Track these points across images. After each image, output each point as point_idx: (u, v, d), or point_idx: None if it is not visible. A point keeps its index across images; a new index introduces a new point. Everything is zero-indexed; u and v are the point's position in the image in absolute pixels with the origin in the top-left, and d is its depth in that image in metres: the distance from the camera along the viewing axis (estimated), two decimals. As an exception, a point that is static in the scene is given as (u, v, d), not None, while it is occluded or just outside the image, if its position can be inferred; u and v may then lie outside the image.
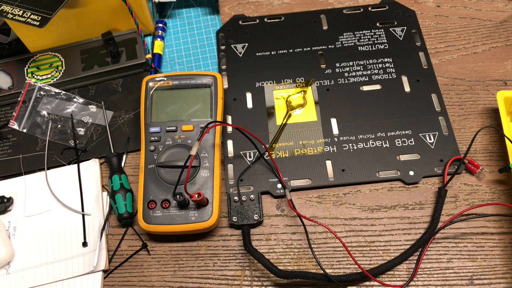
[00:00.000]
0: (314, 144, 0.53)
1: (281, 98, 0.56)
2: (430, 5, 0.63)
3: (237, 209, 0.49)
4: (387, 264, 0.45)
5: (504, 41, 0.59)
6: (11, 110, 0.58)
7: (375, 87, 0.56)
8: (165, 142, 0.50)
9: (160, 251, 0.48)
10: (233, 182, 0.51)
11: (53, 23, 0.50)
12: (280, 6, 0.64)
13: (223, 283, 0.46)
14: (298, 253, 0.47)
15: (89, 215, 0.50)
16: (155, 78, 0.53)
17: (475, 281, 0.45)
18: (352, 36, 0.60)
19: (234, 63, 0.59)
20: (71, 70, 0.58)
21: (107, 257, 0.48)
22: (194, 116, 0.51)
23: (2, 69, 0.59)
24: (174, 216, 0.46)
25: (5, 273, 0.47)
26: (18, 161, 0.54)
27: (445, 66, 0.58)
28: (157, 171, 0.49)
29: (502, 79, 0.56)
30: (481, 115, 0.54)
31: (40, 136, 0.55)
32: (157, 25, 0.62)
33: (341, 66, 0.58)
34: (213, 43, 0.62)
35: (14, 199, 0.51)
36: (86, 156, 0.54)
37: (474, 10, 0.62)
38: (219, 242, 0.48)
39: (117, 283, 0.47)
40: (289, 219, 0.49)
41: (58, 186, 0.52)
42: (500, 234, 0.47)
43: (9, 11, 0.51)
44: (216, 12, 0.65)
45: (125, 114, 0.57)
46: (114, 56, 0.58)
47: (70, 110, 0.56)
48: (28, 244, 0.49)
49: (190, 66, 0.61)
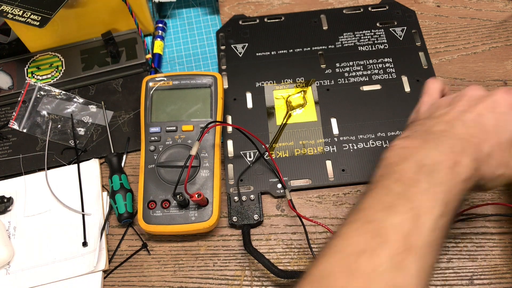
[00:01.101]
0: (314, 144, 0.53)
1: (281, 98, 0.56)
2: (430, 5, 0.63)
3: (237, 209, 0.49)
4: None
5: (504, 41, 0.59)
6: (11, 110, 0.58)
7: (375, 87, 0.56)
8: (165, 142, 0.50)
9: (160, 251, 0.48)
10: (233, 182, 0.51)
11: (53, 23, 0.50)
12: (280, 6, 0.64)
13: (223, 283, 0.46)
14: (298, 253, 0.47)
15: (89, 215, 0.50)
16: (155, 78, 0.53)
17: (475, 281, 0.45)
18: (352, 36, 0.60)
19: (234, 63, 0.59)
20: (71, 70, 0.58)
21: (107, 257, 0.48)
22: (194, 116, 0.51)
23: (2, 69, 0.59)
24: (174, 216, 0.46)
25: (5, 273, 0.47)
26: (18, 161, 0.54)
27: (445, 66, 0.58)
28: (157, 171, 0.49)
29: (502, 79, 0.56)
30: (481, 115, 0.54)
31: (40, 136, 0.55)
32: (157, 25, 0.62)
33: (341, 66, 0.58)
34: (213, 43, 0.62)
35: (14, 199, 0.51)
36: (86, 156, 0.54)
37: (474, 10, 0.62)
38: (219, 242, 0.48)
39: (117, 283, 0.47)
40: (289, 219, 0.49)
41: (58, 186, 0.52)
42: (500, 234, 0.47)
43: (9, 11, 0.51)
44: (216, 12, 0.65)
45: (125, 114, 0.57)
46: (114, 56, 0.58)
47: (70, 110, 0.56)
48: (28, 244, 0.49)
49: (190, 66, 0.61)
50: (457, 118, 0.34)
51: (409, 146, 0.33)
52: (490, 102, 0.35)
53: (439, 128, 0.34)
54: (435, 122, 0.35)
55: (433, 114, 0.36)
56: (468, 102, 0.36)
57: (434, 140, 0.33)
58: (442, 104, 0.37)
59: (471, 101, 0.36)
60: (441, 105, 0.37)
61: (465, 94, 0.37)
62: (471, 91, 0.37)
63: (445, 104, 0.37)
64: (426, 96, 0.41)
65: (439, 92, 0.41)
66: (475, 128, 0.34)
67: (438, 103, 0.38)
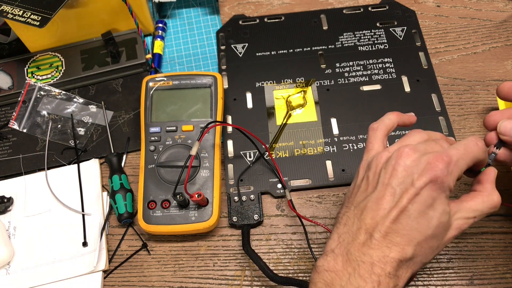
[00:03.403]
0: (314, 144, 0.53)
1: (281, 98, 0.56)
2: (430, 5, 0.63)
3: (237, 209, 0.49)
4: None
5: (504, 41, 0.59)
6: (11, 110, 0.58)
7: (375, 87, 0.56)
8: (165, 142, 0.50)
9: (160, 251, 0.48)
10: (233, 182, 0.51)
11: (53, 23, 0.50)
12: (280, 6, 0.64)
13: (223, 283, 0.46)
14: (298, 253, 0.47)
15: (89, 215, 0.50)
16: (155, 78, 0.53)
17: (475, 281, 0.45)
18: (352, 36, 0.60)
19: (234, 63, 0.59)
20: (71, 70, 0.58)
21: (107, 257, 0.48)
22: (194, 116, 0.51)
23: (2, 69, 0.59)
24: (174, 216, 0.46)
25: (5, 273, 0.47)
26: (18, 161, 0.54)
27: (445, 66, 0.58)
28: (157, 171, 0.49)
29: (502, 79, 0.56)
30: (481, 115, 0.54)
31: (40, 136, 0.55)
32: (157, 25, 0.62)
33: (341, 66, 0.58)
34: (213, 43, 0.62)
35: (14, 199, 0.51)
36: (86, 156, 0.54)
37: (474, 10, 0.62)
38: (219, 242, 0.48)
39: (117, 283, 0.47)
40: (289, 219, 0.49)
41: (58, 186, 0.52)
42: (500, 234, 0.47)
43: (9, 11, 0.51)
44: (216, 12, 0.65)
45: (125, 114, 0.57)
46: (114, 56, 0.58)
47: (70, 110, 0.56)
48: (28, 244, 0.49)
49: (190, 66, 0.61)
50: (379, 223, 0.32)
51: (332, 269, 0.32)
52: (412, 187, 0.32)
53: (360, 239, 0.32)
54: (357, 227, 0.33)
55: (361, 203, 0.34)
56: (391, 183, 0.33)
57: (356, 261, 0.32)
58: (371, 180, 0.35)
59: (395, 181, 0.33)
60: (370, 180, 0.35)
61: (397, 167, 0.33)
62: (404, 159, 0.33)
63: (374, 174, 0.35)
64: (368, 144, 0.38)
65: (384, 138, 0.38)
66: (397, 234, 0.32)
67: (371, 170, 0.35)
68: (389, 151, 0.35)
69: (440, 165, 0.32)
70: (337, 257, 0.33)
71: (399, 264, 0.31)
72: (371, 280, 0.31)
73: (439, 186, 0.32)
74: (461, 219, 0.34)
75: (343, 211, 0.36)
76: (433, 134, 0.37)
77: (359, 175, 0.37)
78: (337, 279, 0.32)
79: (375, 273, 0.31)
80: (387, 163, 0.34)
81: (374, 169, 0.35)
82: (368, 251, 0.32)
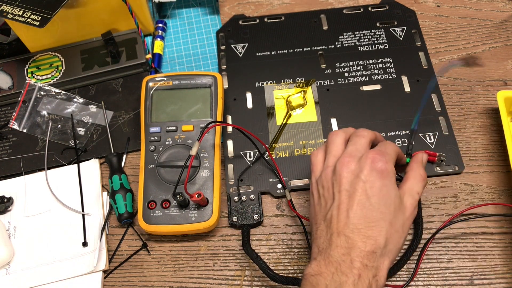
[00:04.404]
0: (314, 144, 0.53)
1: (281, 98, 0.56)
2: (430, 5, 0.63)
3: (237, 209, 0.49)
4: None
5: (504, 41, 0.59)
6: (11, 110, 0.58)
7: (375, 87, 0.56)
8: (165, 142, 0.50)
9: (160, 251, 0.48)
10: (233, 182, 0.51)
11: (53, 23, 0.50)
12: (280, 6, 0.64)
13: (223, 283, 0.46)
14: (298, 253, 0.47)
15: (89, 215, 0.50)
16: (155, 78, 0.53)
17: (475, 281, 0.45)
18: (352, 36, 0.60)
19: (234, 63, 0.59)
20: (71, 70, 0.58)
21: (107, 257, 0.48)
22: (194, 116, 0.51)
23: (2, 69, 0.59)
24: (174, 216, 0.46)
25: (5, 273, 0.47)
26: (18, 161, 0.54)
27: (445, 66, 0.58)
28: (157, 171, 0.49)
29: (502, 79, 0.56)
30: (481, 115, 0.54)
31: (40, 136, 0.55)
32: (157, 25, 0.62)
33: (341, 66, 0.58)
34: (213, 43, 0.62)
35: (14, 199, 0.51)
36: (86, 156, 0.54)
37: (474, 10, 0.62)
38: (219, 242, 0.48)
39: (117, 283, 0.47)
40: (289, 219, 0.49)
41: (58, 186, 0.52)
42: (500, 234, 0.47)
43: (9, 11, 0.51)
44: (216, 12, 0.65)
45: (125, 114, 0.57)
46: (114, 56, 0.58)
47: (70, 110, 0.56)
48: (28, 244, 0.49)
49: (190, 66, 0.61)
50: (345, 224, 0.36)
51: (317, 273, 0.35)
52: (364, 184, 0.36)
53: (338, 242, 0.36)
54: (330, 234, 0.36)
55: (326, 215, 0.38)
56: (344, 187, 0.37)
57: (337, 262, 0.35)
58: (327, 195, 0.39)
59: (347, 185, 0.37)
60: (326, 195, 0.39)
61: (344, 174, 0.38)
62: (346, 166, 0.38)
63: (327, 189, 0.39)
64: (313, 167, 0.42)
65: (323, 160, 0.41)
66: (367, 228, 0.35)
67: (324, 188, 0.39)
68: (330, 166, 0.40)
69: (378, 157, 0.37)
70: (320, 262, 0.36)
71: (374, 255, 0.35)
72: (352, 274, 0.34)
73: (385, 173, 0.37)
74: (408, 197, 0.38)
75: (315, 228, 0.39)
76: (346, 130, 0.42)
77: (314, 196, 0.41)
78: (321, 279, 0.35)
79: (355, 267, 0.34)
80: (334, 176, 0.38)
81: (326, 185, 0.39)
82: (346, 250, 0.35)
